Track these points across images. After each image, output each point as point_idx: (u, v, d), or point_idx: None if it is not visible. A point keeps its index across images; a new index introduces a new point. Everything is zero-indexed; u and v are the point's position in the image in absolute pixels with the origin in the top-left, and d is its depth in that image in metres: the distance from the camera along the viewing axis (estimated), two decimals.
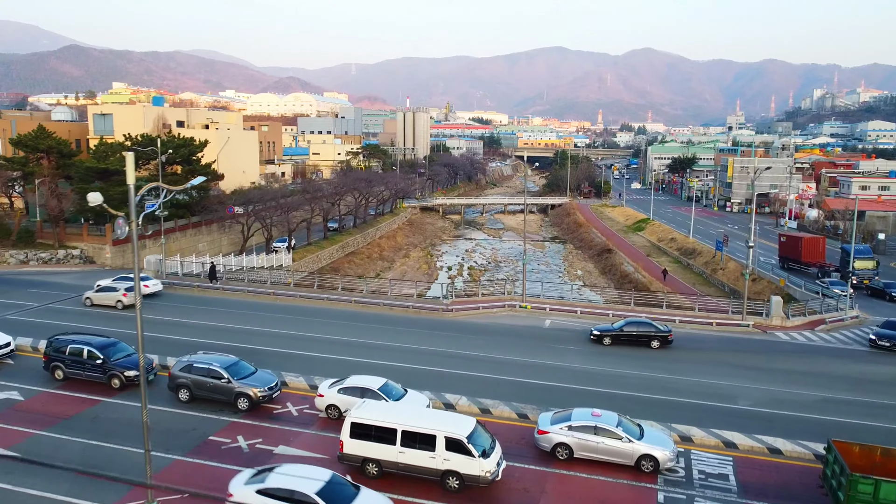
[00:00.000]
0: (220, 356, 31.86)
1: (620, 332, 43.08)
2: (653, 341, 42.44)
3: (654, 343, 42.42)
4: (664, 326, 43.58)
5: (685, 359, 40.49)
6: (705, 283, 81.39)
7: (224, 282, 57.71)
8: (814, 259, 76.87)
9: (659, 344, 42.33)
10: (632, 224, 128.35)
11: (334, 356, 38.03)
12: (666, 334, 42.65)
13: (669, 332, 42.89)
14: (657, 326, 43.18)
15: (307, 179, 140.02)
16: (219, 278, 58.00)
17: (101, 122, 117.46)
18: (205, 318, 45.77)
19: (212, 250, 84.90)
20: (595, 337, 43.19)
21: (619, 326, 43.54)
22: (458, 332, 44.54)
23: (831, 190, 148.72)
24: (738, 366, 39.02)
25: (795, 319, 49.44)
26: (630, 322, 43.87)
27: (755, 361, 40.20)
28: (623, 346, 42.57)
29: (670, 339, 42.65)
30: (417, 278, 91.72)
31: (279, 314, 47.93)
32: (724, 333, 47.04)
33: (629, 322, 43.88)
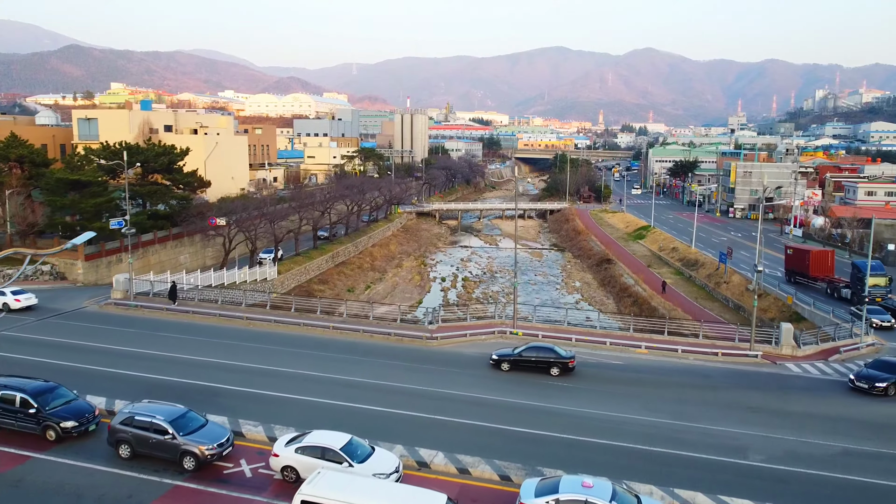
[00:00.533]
0: (166, 406, 28.34)
1: (519, 357, 40.64)
2: (552, 368, 39.98)
3: (553, 370, 39.94)
4: (566, 352, 41.19)
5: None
6: (708, 298, 77.90)
7: (196, 303, 54.09)
8: (822, 274, 73.31)
9: (559, 371, 39.92)
10: (632, 231, 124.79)
11: (303, 397, 34.52)
12: (566, 360, 40.12)
13: (571, 359, 40.34)
14: (558, 352, 40.77)
15: (299, 185, 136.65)
16: (179, 298, 54.38)
17: (85, 126, 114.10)
18: (167, 347, 42.25)
19: (194, 263, 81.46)
20: (494, 362, 40.97)
21: (518, 351, 41.10)
22: (441, 366, 40.98)
23: (836, 195, 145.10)
24: (747, 407, 35.39)
25: (807, 348, 45.84)
26: (530, 347, 41.46)
27: (765, 401, 36.58)
28: (524, 371, 40.35)
29: (571, 366, 40.16)
30: (409, 291, 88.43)
31: (249, 342, 44.36)
32: (731, 365, 43.41)
33: (530, 347, 41.47)
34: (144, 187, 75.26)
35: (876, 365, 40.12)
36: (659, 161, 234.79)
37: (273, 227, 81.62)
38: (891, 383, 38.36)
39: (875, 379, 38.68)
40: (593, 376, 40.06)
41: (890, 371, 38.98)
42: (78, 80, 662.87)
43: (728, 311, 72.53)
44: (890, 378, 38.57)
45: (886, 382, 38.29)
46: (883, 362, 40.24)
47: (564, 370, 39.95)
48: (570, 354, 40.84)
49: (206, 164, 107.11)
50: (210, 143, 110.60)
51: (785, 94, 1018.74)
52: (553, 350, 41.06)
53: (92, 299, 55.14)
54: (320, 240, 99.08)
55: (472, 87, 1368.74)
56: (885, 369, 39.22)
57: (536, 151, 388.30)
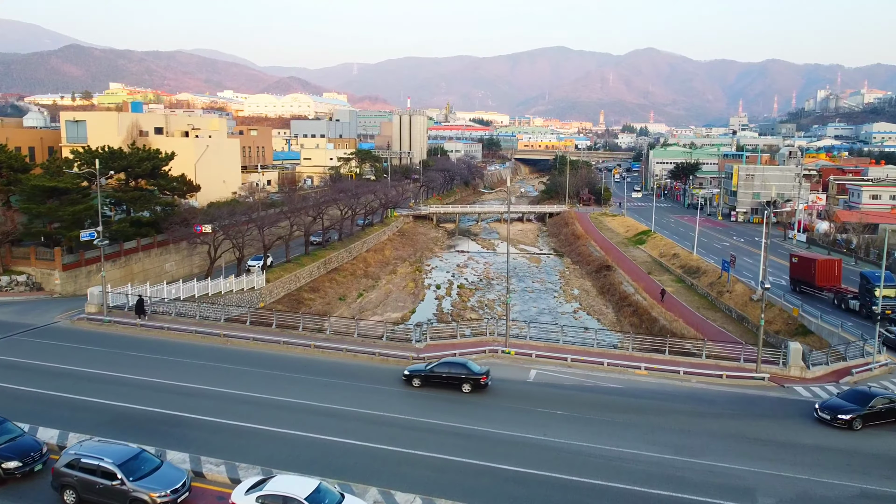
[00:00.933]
0: (116, 446, 25.79)
1: (431, 372, 39.13)
2: (464, 384, 38.28)
3: (465, 387, 38.28)
4: (479, 367, 39.42)
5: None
6: (710, 308, 75.30)
7: (172, 318, 51.47)
8: (829, 283, 70.69)
9: (470, 388, 38.22)
10: (632, 236, 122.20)
11: (276, 428, 31.93)
12: (478, 377, 38.37)
13: (483, 375, 38.62)
14: (471, 368, 39.00)
15: (293, 187, 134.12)
16: (149, 313, 51.80)
17: (73, 129, 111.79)
18: (136, 369, 39.66)
19: (180, 271, 79.02)
20: (405, 378, 39.60)
21: (430, 367, 39.64)
22: (427, 390, 38.36)
23: (840, 198, 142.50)
24: (755, 439, 32.67)
25: (817, 369, 43.11)
26: (443, 362, 39.90)
27: (774, 432, 33.79)
28: (436, 388, 38.76)
29: (483, 383, 38.43)
30: (402, 299, 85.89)
31: (224, 363, 41.72)
32: (736, 389, 40.68)
33: (442, 362, 39.91)
34: (127, 193, 72.70)
35: (847, 394, 36.83)
36: (660, 163, 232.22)
37: (262, 234, 79.11)
38: (856, 416, 34.80)
39: (838, 410, 35.28)
40: (586, 402, 37.36)
41: (858, 402, 35.54)
42: (78, 80, 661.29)
43: (731, 321, 69.94)
44: (856, 410, 35.06)
45: (850, 415, 34.81)
46: (856, 392, 36.90)
47: (476, 387, 38.33)
48: (482, 370, 39.16)
49: (197, 167, 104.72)
50: (201, 146, 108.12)
51: (786, 94, 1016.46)
52: (465, 366, 39.40)
53: (65, 313, 52.59)
54: (313, 245, 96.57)
55: (473, 87, 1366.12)
56: (853, 400, 35.86)
57: (537, 152, 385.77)
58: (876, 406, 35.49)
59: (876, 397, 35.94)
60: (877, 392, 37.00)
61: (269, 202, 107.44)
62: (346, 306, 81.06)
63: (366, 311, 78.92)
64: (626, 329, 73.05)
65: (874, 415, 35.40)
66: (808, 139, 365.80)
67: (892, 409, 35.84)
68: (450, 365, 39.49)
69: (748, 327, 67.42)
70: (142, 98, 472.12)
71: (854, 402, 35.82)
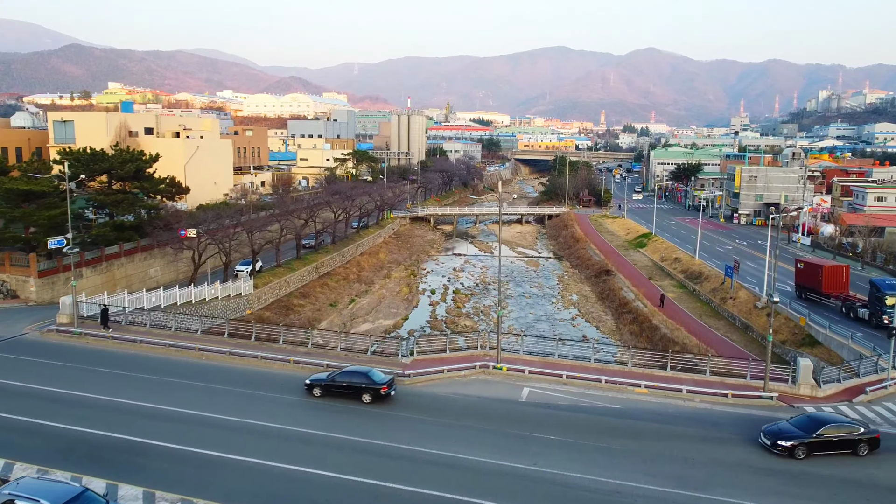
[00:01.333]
0: (57, 486, 23.20)
1: (332, 382, 38.05)
2: (364, 394, 37.31)
3: (365, 397, 37.26)
4: (382, 377, 38.17)
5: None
6: (713, 315, 72.74)
7: (147, 330, 48.84)
8: (836, 290, 68.10)
9: (370, 398, 37.12)
10: (633, 239, 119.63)
11: (244, 457, 29.21)
12: (379, 387, 37.20)
13: (384, 385, 37.37)
14: (372, 377, 37.86)
15: (288, 188, 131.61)
16: (117, 323, 49.30)
17: (61, 129, 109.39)
18: (102, 387, 37.07)
19: (166, 276, 76.50)
20: (307, 386, 38.44)
21: (331, 376, 38.65)
22: (410, 412, 35.60)
23: (844, 200, 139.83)
24: (764, 469, 30.05)
25: (828, 387, 40.44)
26: (345, 371, 38.88)
27: (786, 461, 31.11)
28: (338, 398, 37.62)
29: (383, 393, 37.18)
30: (395, 305, 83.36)
31: (197, 381, 39.06)
32: (743, 410, 37.95)
33: (344, 371, 38.91)
34: (109, 196, 70.17)
35: (798, 420, 33.69)
36: (661, 163, 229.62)
37: (250, 238, 76.61)
38: (799, 443, 31.87)
39: (779, 436, 32.39)
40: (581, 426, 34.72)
41: (805, 429, 32.53)
42: (78, 80, 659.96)
43: (735, 330, 67.42)
44: (800, 437, 32.10)
45: (792, 441, 31.90)
46: (807, 418, 33.77)
47: (377, 397, 37.12)
48: (384, 380, 37.81)
49: (187, 168, 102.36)
50: (191, 147, 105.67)
51: (787, 94, 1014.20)
52: (367, 375, 38.09)
53: (35, 324, 49.99)
54: (305, 249, 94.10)
55: (474, 87, 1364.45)
56: (801, 426, 32.81)
57: (537, 153, 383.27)
58: (824, 435, 32.31)
59: (827, 425, 32.72)
60: (830, 419, 33.69)
61: (261, 204, 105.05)
62: (338, 313, 78.55)
63: (357, 318, 76.41)
64: (626, 337, 70.59)
65: (822, 444, 32.20)
66: (810, 139, 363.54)
67: (843, 441, 32.41)
68: (351, 374, 38.36)
69: (752, 336, 64.93)
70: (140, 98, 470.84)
71: (801, 428, 32.77)
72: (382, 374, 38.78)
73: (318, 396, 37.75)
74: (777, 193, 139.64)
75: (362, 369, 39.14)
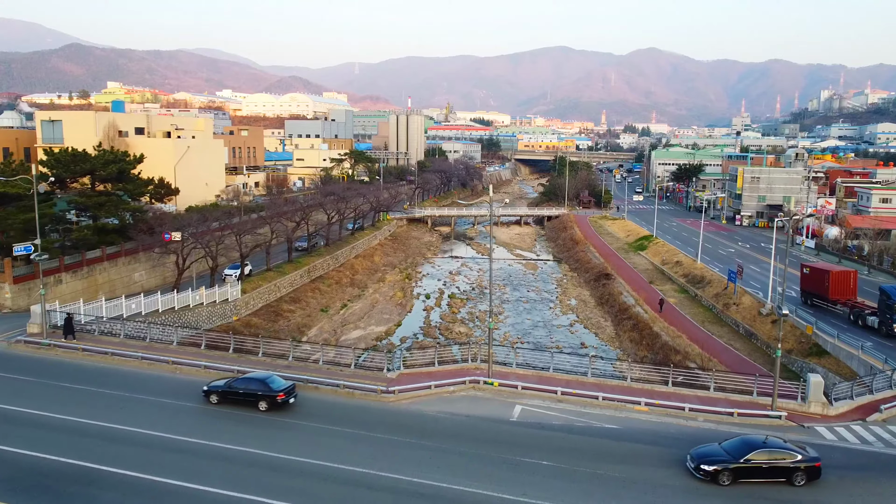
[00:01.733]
0: None
1: (229, 388, 36.85)
2: (260, 402, 35.96)
3: (261, 404, 35.90)
4: (281, 383, 36.74)
5: None
6: (716, 321, 70.34)
7: (120, 341, 46.31)
8: (843, 296, 65.70)
9: (267, 406, 35.78)
10: (633, 241, 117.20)
11: (205, 487, 26.76)
12: (275, 394, 35.78)
13: (281, 392, 35.92)
14: (269, 384, 36.41)
15: (280, 191, 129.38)
16: (83, 331, 46.92)
17: (49, 129, 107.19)
18: (60, 406, 34.40)
19: (152, 281, 74.15)
20: (204, 393, 37.14)
21: (228, 382, 37.44)
22: (394, 434, 32.95)
23: (848, 201, 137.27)
24: (776, 502, 27.66)
25: (840, 405, 37.91)
26: (243, 378, 37.62)
27: (799, 495, 28.43)
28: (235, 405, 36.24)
29: (280, 401, 35.82)
30: (388, 310, 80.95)
31: (165, 398, 36.48)
32: (749, 431, 35.19)
33: (242, 378, 37.65)
34: (91, 198, 67.78)
35: (731, 443, 30.94)
36: (662, 164, 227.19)
37: (239, 241, 74.26)
38: (724, 468, 29.25)
39: (703, 459, 29.86)
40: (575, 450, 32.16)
41: (734, 453, 29.92)
42: (79, 79, 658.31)
43: (738, 337, 65.04)
44: (725, 461, 29.49)
45: (716, 466, 29.34)
46: (740, 441, 30.99)
47: (273, 405, 35.78)
48: (282, 387, 36.40)
49: (177, 169, 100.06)
50: (181, 147, 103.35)
51: (788, 94, 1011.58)
52: (264, 382, 36.68)
53: (4, 334, 47.55)
54: (297, 252, 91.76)
55: (475, 87, 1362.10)
56: (731, 449, 30.22)
57: (537, 153, 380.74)
58: (753, 460, 29.51)
59: (757, 450, 29.89)
60: (762, 443, 30.65)
61: (253, 206, 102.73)
62: (328, 319, 76.18)
63: (348, 325, 74.02)
64: (626, 345, 68.23)
65: (749, 470, 29.47)
66: (812, 140, 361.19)
67: (775, 468, 29.53)
68: (248, 381, 37.02)
69: (757, 344, 62.57)
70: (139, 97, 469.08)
71: (730, 451, 30.18)
72: (283, 380, 37.43)
73: (214, 404, 36.36)
74: (780, 195, 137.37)
75: (261, 375, 37.68)
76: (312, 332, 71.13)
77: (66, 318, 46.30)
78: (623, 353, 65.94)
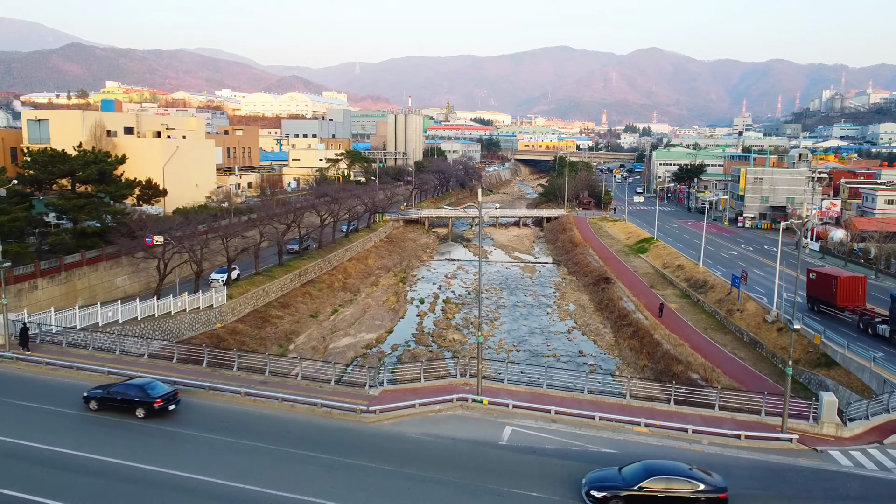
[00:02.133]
0: None
1: (107, 394, 35.70)
2: (137, 409, 34.79)
3: (138, 411, 34.70)
4: (162, 389, 35.74)
5: None
6: (719, 329, 67.79)
7: (88, 353, 43.67)
8: (852, 303, 63.14)
9: (144, 413, 34.62)
10: (634, 244, 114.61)
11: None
12: (152, 401, 34.67)
13: (157, 399, 34.77)
14: (148, 391, 35.26)
15: (274, 191, 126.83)
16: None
17: (35, 128, 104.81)
18: (10, 429, 31.45)
19: (135, 286, 71.54)
20: (84, 399, 35.92)
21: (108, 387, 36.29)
22: (371, 460, 29.99)
23: (852, 202, 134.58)
24: None
25: (855, 426, 35.16)
26: (123, 384, 36.48)
27: None
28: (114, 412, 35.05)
29: (157, 407, 34.68)
30: (380, 316, 78.38)
31: (127, 419, 33.86)
32: (757, 455, 32.49)
33: (122, 384, 36.53)
34: (70, 201, 65.24)
35: (631, 468, 28.32)
36: (663, 164, 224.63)
37: (225, 244, 71.76)
38: (614, 496, 26.99)
39: (594, 485, 27.63)
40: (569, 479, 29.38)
41: (630, 479, 27.43)
42: (79, 79, 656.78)
43: (743, 346, 62.49)
44: (617, 487, 27.18)
45: (605, 493, 27.11)
46: (642, 466, 28.24)
47: (150, 412, 34.59)
48: (161, 393, 35.27)
49: (165, 170, 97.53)
50: (170, 147, 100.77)
51: (790, 94, 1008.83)
52: (143, 388, 35.55)
53: None
54: (289, 255, 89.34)
55: (476, 87, 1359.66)
56: (628, 475, 27.70)
57: (537, 153, 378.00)
58: (647, 488, 26.98)
59: (653, 477, 27.35)
60: (659, 469, 27.92)
61: (244, 207, 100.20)
62: (318, 325, 73.61)
63: (338, 331, 71.44)
64: (625, 353, 65.65)
65: (643, 499, 26.97)
66: (814, 140, 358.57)
67: (672, 497, 26.95)
68: (128, 386, 35.93)
69: (762, 353, 60.03)
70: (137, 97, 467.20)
71: (627, 477, 27.78)
72: (165, 386, 36.28)
73: (94, 410, 35.13)
74: (783, 196, 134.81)
75: (141, 381, 36.38)
76: (300, 339, 68.59)
77: (22, 329, 43.73)
78: (622, 361, 63.41)
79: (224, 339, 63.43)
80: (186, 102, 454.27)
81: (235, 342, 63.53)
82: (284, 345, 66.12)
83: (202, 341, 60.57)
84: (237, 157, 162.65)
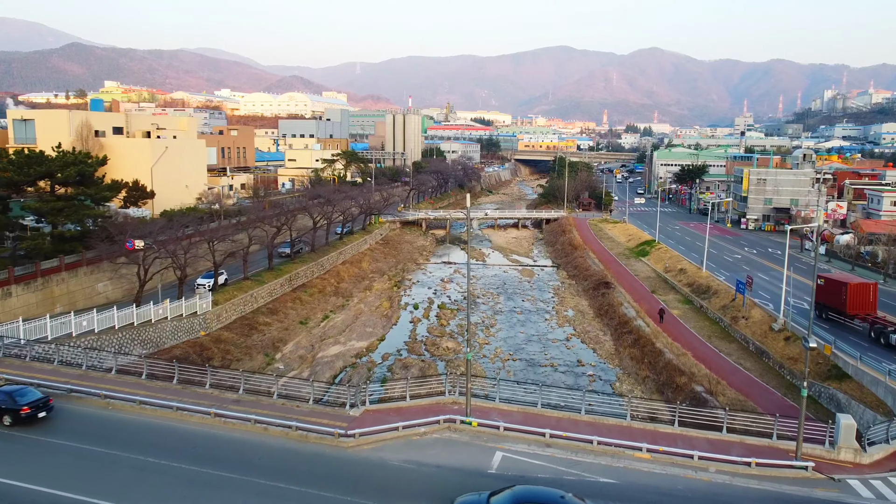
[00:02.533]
0: None
1: None
2: (4, 416, 33.05)
3: (5, 419, 32.97)
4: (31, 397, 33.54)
5: None
6: (724, 336, 65.10)
7: (53, 368, 40.87)
8: (862, 310, 60.39)
9: (11, 421, 32.81)
10: (634, 247, 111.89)
11: None
12: (19, 408, 32.77)
13: (25, 406, 32.82)
14: (15, 397, 33.31)
15: (268, 193, 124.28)
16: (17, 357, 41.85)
17: (21, 128, 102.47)
18: None
19: (117, 292, 68.85)
20: None
21: None
22: (347, 492, 27.01)
23: (857, 204, 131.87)
24: None
25: (875, 451, 32.52)
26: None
27: None
28: None
29: (24, 415, 32.79)
30: (372, 322, 75.70)
31: (87, 444, 30.98)
32: (769, 485, 29.70)
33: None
34: (48, 203, 62.64)
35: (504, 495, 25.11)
36: (664, 164, 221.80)
37: (212, 248, 69.16)
38: None
39: None
40: None
41: None
42: (79, 79, 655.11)
43: (748, 355, 59.80)
44: None
45: None
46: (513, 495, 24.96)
47: (17, 420, 32.78)
48: (30, 400, 33.31)
49: (154, 171, 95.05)
50: (159, 148, 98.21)
51: (791, 94, 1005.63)
52: (10, 394, 33.52)
53: None
54: (280, 258, 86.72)
55: (477, 87, 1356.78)
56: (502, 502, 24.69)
57: (537, 153, 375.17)
58: None
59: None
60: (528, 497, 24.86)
61: (234, 209, 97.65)
62: (307, 332, 70.97)
63: (328, 339, 68.79)
64: (626, 363, 62.94)
65: None
66: (816, 140, 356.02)
67: None
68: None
69: (768, 363, 57.38)
70: (136, 97, 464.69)
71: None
72: (38, 393, 34.45)
73: None
74: (787, 197, 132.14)
75: (11, 388, 34.51)
76: (288, 347, 65.96)
77: None
78: (623, 372, 60.76)
79: (208, 347, 60.82)
80: (185, 102, 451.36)
81: (219, 351, 60.94)
82: (271, 354, 63.50)
83: (184, 351, 58.09)
84: (232, 158, 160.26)
